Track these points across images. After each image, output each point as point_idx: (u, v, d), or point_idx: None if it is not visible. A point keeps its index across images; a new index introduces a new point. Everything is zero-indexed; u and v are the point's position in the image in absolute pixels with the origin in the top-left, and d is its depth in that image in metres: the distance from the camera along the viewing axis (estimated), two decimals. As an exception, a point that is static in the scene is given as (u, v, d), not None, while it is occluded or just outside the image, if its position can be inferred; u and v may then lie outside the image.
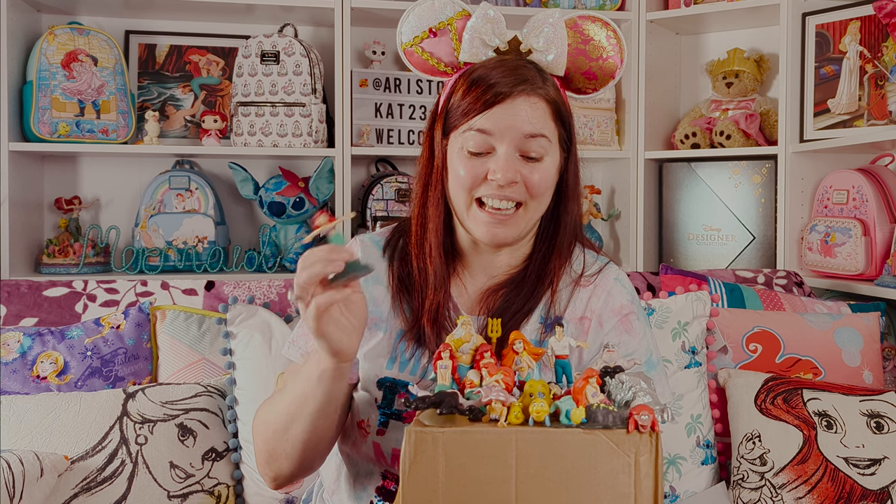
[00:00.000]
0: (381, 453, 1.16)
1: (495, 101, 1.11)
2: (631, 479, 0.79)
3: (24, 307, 1.63)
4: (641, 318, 1.22)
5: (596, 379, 0.84)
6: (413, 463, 0.81)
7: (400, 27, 1.22)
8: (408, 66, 1.24)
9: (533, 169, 1.12)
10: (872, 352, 1.71)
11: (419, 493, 0.81)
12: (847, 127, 2.19)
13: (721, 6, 2.38)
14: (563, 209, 1.20)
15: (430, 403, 0.83)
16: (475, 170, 1.12)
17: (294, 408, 1.09)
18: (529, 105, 1.12)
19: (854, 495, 1.43)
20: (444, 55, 1.20)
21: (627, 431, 0.80)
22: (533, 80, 1.13)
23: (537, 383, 0.84)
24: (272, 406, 1.15)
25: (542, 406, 0.81)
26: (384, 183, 2.38)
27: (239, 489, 1.50)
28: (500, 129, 1.11)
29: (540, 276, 1.19)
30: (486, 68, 1.14)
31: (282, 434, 1.11)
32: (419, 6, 1.21)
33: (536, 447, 0.80)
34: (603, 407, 0.81)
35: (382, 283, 1.21)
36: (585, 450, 0.80)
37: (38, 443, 1.37)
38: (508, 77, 1.12)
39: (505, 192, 1.11)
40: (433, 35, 1.20)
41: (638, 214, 2.52)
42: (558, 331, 0.96)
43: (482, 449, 0.80)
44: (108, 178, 2.42)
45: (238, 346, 1.55)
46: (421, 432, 0.81)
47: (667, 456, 1.56)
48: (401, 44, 1.22)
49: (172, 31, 2.45)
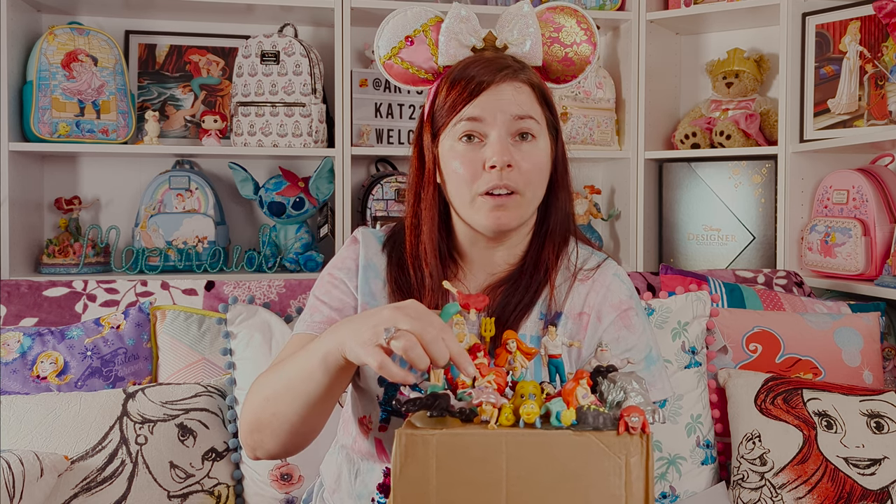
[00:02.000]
0: (383, 449, 1.16)
1: (480, 89, 1.12)
2: (622, 481, 0.79)
3: (24, 307, 1.63)
4: (640, 313, 1.23)
5: (587, 380, 0.84)
6: (404, 465, 0.81)
7: (376, 42, 1.24)
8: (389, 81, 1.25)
9: (525, 153, 1.13)
10: (872, 352, 1.71)
11: (410, 495, 0.81)
12: (847, 127, 2.19)
13: (721, 6, 2.38)
14: (554, 197, 1.21)
15: (422, 405, 0.83)
16: (472, 162, 1.12)
17: (289, 382, 1.03)
18: (514, 89, 1.14)
19: (854, 495, 1.43)
20: (423, 62, 1.21)
21: (618, 433, 0.80)
22: (513, 66, 1.15)
23: (528, 384, 0.84)
24: (269, 376, 1.09)
25: (533, 408, 0.81)
26: (384, 183, 2.38)
27: (239, 489, 1.50)
28: (489, 113, 1.12)
29: (536, 265, 1.19)
30: (465, 65, 1.16)
31: (273, 404, 1.05)
32: (392, 19, 1.23)
33: (527, 449, 0.80)
34: (594, 408, 0.81)
35: (380, 278, 1.21)
36: (576, 452, 0.80)
37: (38, 443, 1.37)
38: (489, 66, 1.14)
39: (503, 178, 1.11)
40: (410, 43, 1.22)
41: (638, 214, 2.51)
42: (551, 330, 0.96)
43: (473, 451, 0.80)
44: (108, 178, 2.42)
45: (238, 347, 1.55)
46: (412, 435, 0.81)
47: (667, 456, 1.56)
48: (379, 58, 1.24)
49: (172, 31, 2.45)
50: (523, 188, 1.13)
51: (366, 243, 1.23)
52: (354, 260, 1.22)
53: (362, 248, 1.23)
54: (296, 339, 1.17)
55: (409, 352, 0.87)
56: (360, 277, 1.20)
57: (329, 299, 1.19)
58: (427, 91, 1.23)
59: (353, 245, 1.24)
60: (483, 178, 1.12)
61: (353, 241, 1.25)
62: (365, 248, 1.23)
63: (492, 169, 1.11)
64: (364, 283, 1.20)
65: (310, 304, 1.22)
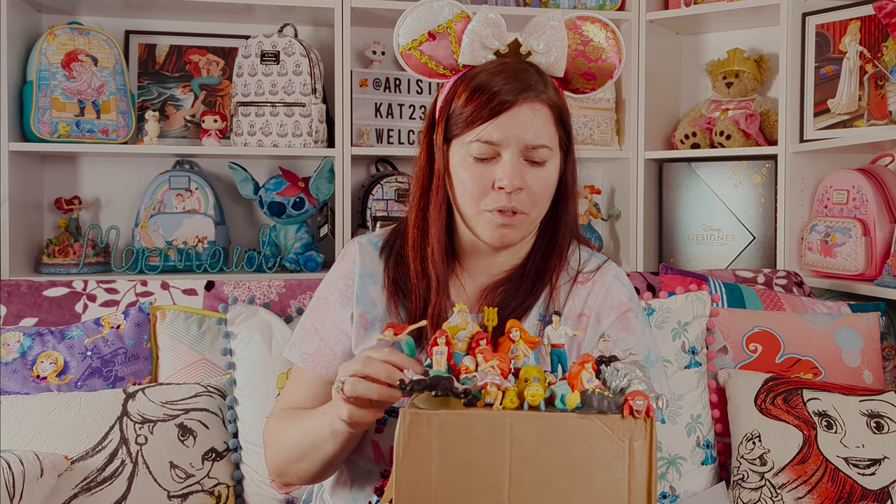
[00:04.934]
0: (380, 452, 1.16)
1: (501, 109, 1.11)
2: (625, 465, 0.80)
3: (24, 307, 1.63)
4: (640, 315, 1.23)
5: (592, 365, 0.84)
6: (407, 444, 0.81)
7: (397, 30, 1.21)
8: (404, 68, 1.24)
9: (535, 176, 1.13)
10: (872, 352, 1.71)
11: (413, 474, 0.81)
12: (847, 127, 2.19)
13: (721, 6, 2.38)
14: (563, 209, 1.21)
15: (426, 386, 0.84)
16: (482, 179, 1.12)
17: (305, 449, 1.13)
18: (533, 112, 1.12)
19: (854, 495, 1.43)
20: (443, 58, 1.20)
21: (622, 417, 0.80)
22: (535, 86, 1.13)
23: (533, 369, 0.84)
24: (284, 435, 1.18)
25: (538, 390, 0.81)
26: (384, 183, 2.38)
27: (239, 489, 1.50)
28: (505, 138, 1.11)
29: (539, 274, 1.19)
30: (488, 73, 1.14)
31: (293, 464, 1.16)
32: (417, 9, 1.20)
33: (531, 431, 0.80)
34: (598, 392, 0.81)
35: (379, 283, 1.21)
36: (580, 434, 0.80)
37: (38, 443, 1.37)
38: (512, 83, 1.12)
39: (511, 200, 1.12)
40: (432, 38, 1.19)
41: (638, 214, 2.51)
42: (555, 319, 0.96)
43: (477, 431, 0.80)
44: (108, 178, 2.42)
45: (238, 347, 1.55)
46: (416, 414, 0.81)
47: (667, 456, 1.56)
48: (398, 46, 1.21)
49: (172, 31, 2.45)
50: (530, 209, 1.14)
51: (362, 252, 1.24)
52: (344, 279, 1.24)
53: (358, 257, 1.23)
54: (296, 374, 1.25)
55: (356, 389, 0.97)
56: (356, 289, 1.21)
57: (321, 326, 1.23)
58: (440, 85, 1.22)
59: (341, 263, 1.26)
60: (491, 196, 1.13)
61: (346, 254, 1.26)
62: (361, 256, 1.24)
63: (500, 189, 1.12)
64: (362, 292, 1.21)
65: (306, 326, 1.25)
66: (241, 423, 1.50)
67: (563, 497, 0.80)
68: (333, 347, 1.21)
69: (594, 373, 0.84)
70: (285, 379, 1.50)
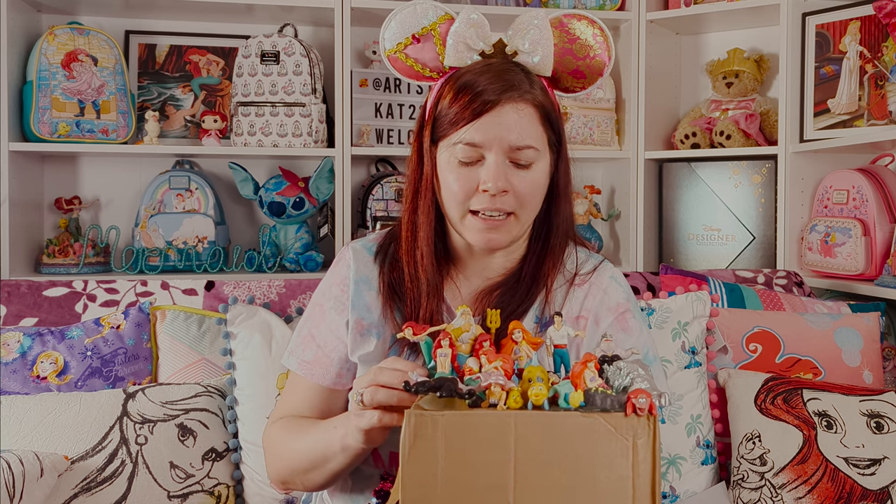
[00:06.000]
0: (379, 456, 1.16)
1: (483, 109, 1.10)
2: (629, 463, 0.80)
3: (24, 307, 1.63)
4: (638, 315, 1.23)
5: (594, 364, 0.85)
6: (413, 446, 0.81)
7: (382, 34, 1.21)
8: (392, 73, 1.24)
9: (522, 178, 1.12)
10: (872, 352, 1.71)
11: (418, 475, 0.81)
12: (847, 127, 2.19)
13: (721, 6, 2.38)
14: (555, 210, 1.20)
15: (430, 388, 0.84)
16: (467, 182, 1.12)
17: (314, 462, 1.13)
18: (517, 112, 1.11)
19: (854, 495, 1.43)
20: (429, 60, 1.19)
21: (625, 415, 0.80)
22: (520, 85, 1.12)
23: (536, 369, 0.85)
24: (290, 445, 1.18)
25: (541, 390, 0.82)
26: (384, 183, 2.38)
27: (239, 489, 1.50)
28: (488, 139, 1.10)
29: (535, 277, 1.19)
30: (473, 73, 1.13)
31: (300, 475, 1.16)
32: (400, 13, 1.20)
33: (535, 430, 0.80)
34: (601, 391, 0.81)
35: (374, 288, 1.21)
36: (584, 433, 0.80)
37: (38, 443, 1.37)
38: (495, 83, 1.11)
39: (496, 202, 1.11)
40: (416, 41, 1.19)
41: (638, 214, 2.52)
42: (557, 320, 0.96)
43: (481, 432, 0.81)
44: (108, 178, 2.42)
45: (238, 347, 1.55)
46: (420, 415, 0.81)
47: (667, 456, 1.56)
48: (384, 50, 1.21)
49: (172, 31, 2.45)
50: (518, 210, 1.13)
51: (356, 258, 1.24)
52: (339, 285, 1.24)
53: (353, 263, 1.23)
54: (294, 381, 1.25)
55: (376, 397, 0.97)
56: (352, 295, 1.21)
57: (317, 333, 1.23)
58: (429, 87, 1.22)
59: (336, 269, 1.26)
60: (476, 197, 1.12)
61: (340, 260, 1.26)
62: (356, 261, 1.23)
63: (485, 192, 1.11)
64: (357, 298, 1.21)
65: (303, 333, 1.25)
66: (241, 424, 1.50)
67: (567, 495, 0.80)
68: (330, 355, 1.21)
69: (597, 372, 0.85)
70: (285, 379, 1.50)
